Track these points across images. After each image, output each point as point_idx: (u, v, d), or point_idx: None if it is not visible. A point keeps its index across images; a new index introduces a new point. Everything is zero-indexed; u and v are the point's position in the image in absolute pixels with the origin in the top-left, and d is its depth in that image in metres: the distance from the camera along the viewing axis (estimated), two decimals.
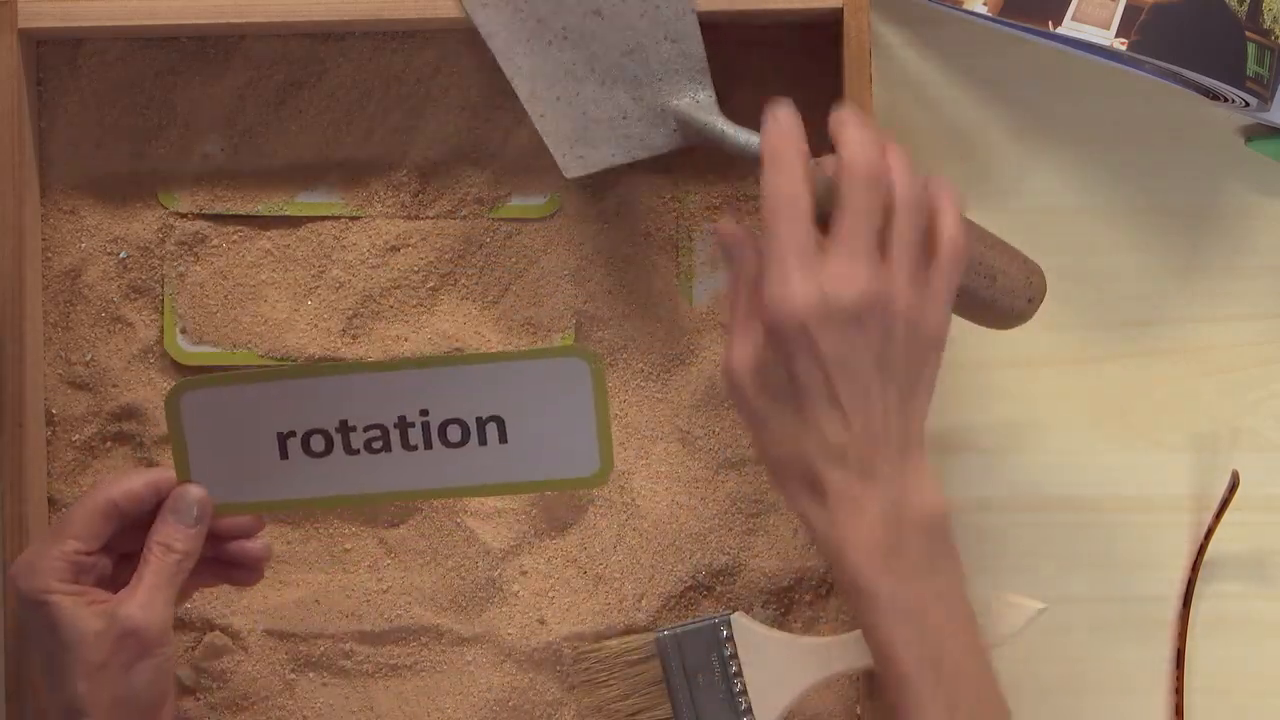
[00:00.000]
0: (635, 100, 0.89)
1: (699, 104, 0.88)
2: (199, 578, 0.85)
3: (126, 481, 0.82)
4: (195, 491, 0.82)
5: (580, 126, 0.89)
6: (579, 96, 0.89)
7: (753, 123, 0.91)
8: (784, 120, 0.79)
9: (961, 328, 0.87)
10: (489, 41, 0.90)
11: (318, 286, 0.94)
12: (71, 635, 0.79)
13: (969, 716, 0.77)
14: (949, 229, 0.79)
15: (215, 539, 0.84)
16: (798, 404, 0.78)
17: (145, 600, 0.80)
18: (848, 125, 0.79)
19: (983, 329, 0.87)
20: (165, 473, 0.83)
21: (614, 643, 0.92)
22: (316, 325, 0.94)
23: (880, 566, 0.77)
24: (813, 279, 0.76)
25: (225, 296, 0.94)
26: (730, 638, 0.90)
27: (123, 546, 0.83)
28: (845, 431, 0.77)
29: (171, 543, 0.81)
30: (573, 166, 0.90)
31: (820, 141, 0.94)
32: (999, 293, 0.84)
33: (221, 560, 0.86)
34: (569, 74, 0.89)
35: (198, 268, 0.94)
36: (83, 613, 0.80)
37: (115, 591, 0.81)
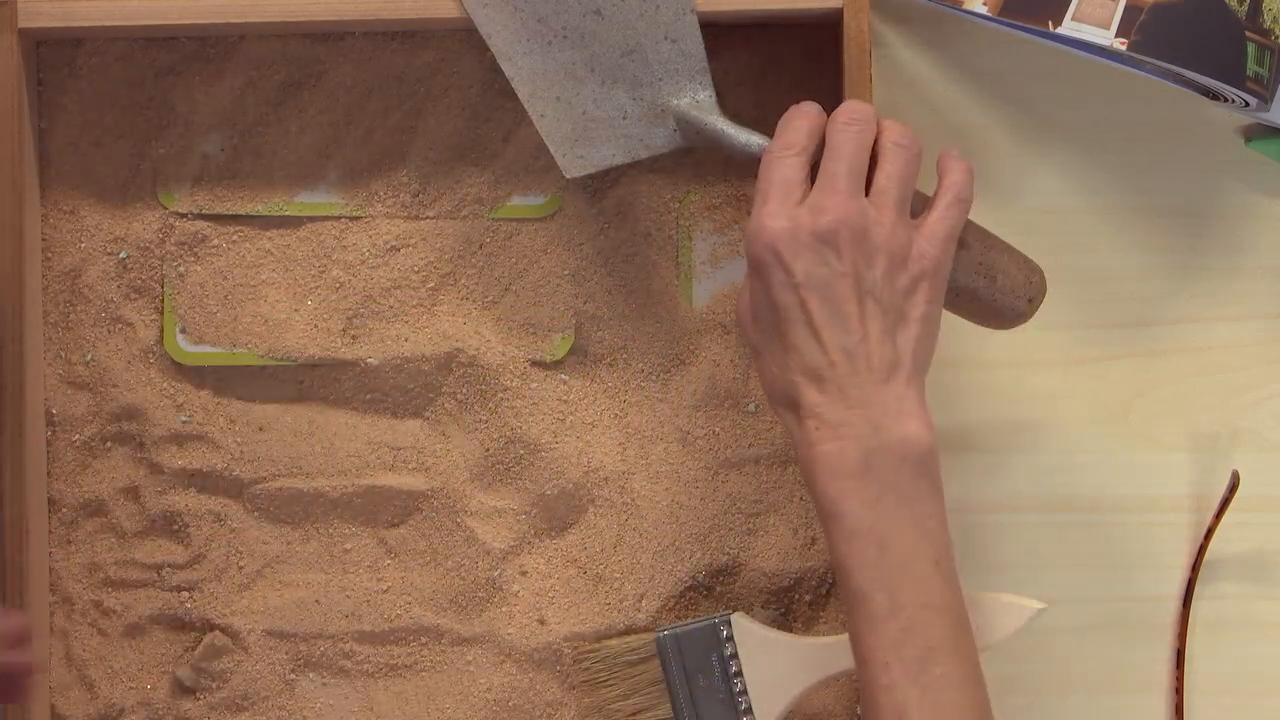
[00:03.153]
0: (635, 100, 0.89)
1: (699, 104, 0.88)
2: None
3: None
4: None
5: (580, 126, 0.89)
6: (579, 96, 0.89)
7: (753, 123, 0.91)
8: (807, 103, 0.83)
9: (962, 328, 0.87)
10: (489, 41, 0.90)
11: (318, 286, 0.94)
12: None
13: (923, 649, 0.76)
14: (953, 174, 0.82)
15: None
16: (780, 330, 0.79)
17: None
18: (846, 102, 0.83)
19: (983, 329, 0.87)
20: None
21: (614, 643, 0.92)
22: (316, 325, 0.94)
23: (846, 488, 0.77)
24: (787, 210, 0.79)
25: (225, 296, 0.94)
26: (730, 638, 0.90)
27: None
28: (822, 354, 0.78)
29: None
30: (573, 166, 0.90)
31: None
32: (999, 293, 0.84)
33: None
34: (569, 74, 0.89)
35: (198, 268, 0.94)
36: None
37: None
